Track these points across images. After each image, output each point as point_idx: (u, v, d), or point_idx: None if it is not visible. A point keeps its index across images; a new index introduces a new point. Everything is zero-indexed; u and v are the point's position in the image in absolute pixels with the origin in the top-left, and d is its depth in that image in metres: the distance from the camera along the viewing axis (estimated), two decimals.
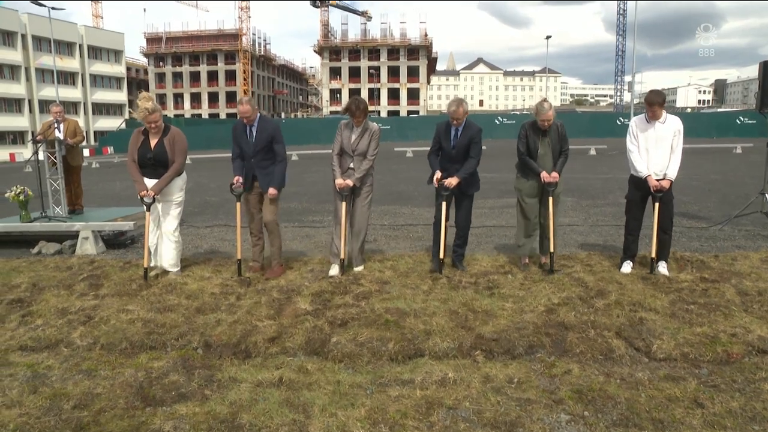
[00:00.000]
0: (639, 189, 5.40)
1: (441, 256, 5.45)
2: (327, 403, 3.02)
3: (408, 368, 3.45)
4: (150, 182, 5.39)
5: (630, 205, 5.54)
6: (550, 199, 5.42)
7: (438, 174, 5.48)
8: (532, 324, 3.97)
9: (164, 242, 5.54)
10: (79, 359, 3.70)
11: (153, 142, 5.35)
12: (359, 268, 5.59)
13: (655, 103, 5.12)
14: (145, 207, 5.40)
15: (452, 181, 5.38)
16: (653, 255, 5.30)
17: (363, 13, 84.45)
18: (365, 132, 5.39)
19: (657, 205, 5.28)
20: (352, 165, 5.45)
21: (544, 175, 5.34)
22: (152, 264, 5.65)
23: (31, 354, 3.81)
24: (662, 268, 5.29)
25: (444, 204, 5.48)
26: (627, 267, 5.46)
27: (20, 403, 3.08)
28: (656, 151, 5.22)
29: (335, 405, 2.99)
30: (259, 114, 5.51)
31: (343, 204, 5.45)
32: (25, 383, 3.33)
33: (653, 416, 2.83)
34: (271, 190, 5.39)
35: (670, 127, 5.20)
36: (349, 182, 5.40)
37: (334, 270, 5.44)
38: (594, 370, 3.39)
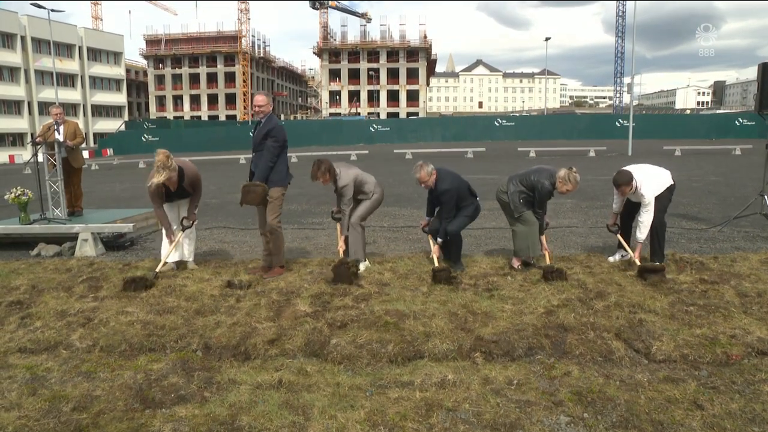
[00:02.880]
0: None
1: (436, 264, 5.53)
2: (326, 405, 3.01)
3: (407, 370, 3.45)
4: (174, 204, 5.87)
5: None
6: (543, 237, 5.66)
7: (424, 221, 5.96)
8: (532, 326, 3.97)
9: (185, 238, 5.97)
10: (79, 361, 3.70)
11: (173, 188, 5.66)
12: (360, 269, 5.59)
13: (621, 184, 5.44)
14: (182, 228, 5.83)
15: (435, 250, 5.64)
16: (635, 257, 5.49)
17: (363, 15, 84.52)
18: (337, 187, 5.65)
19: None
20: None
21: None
22: (171, 260, 5.91)
23: (30, 356, 3.81)
24: None
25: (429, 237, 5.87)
26: (612, 257, 5.89)
27: (19, 405, 3.08)
28: (634, 212, 5.65)
29: (335, 407, 2.99)
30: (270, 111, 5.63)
31: (338, 225, 5.82)
32: (24, 385, 3.33)
33: (653, 418, 2.83)
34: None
35: (639, 197, 5.44)
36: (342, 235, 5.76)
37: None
38: (593, 371, 3.39)
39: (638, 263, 5.32)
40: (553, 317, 4.14)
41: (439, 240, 5.63)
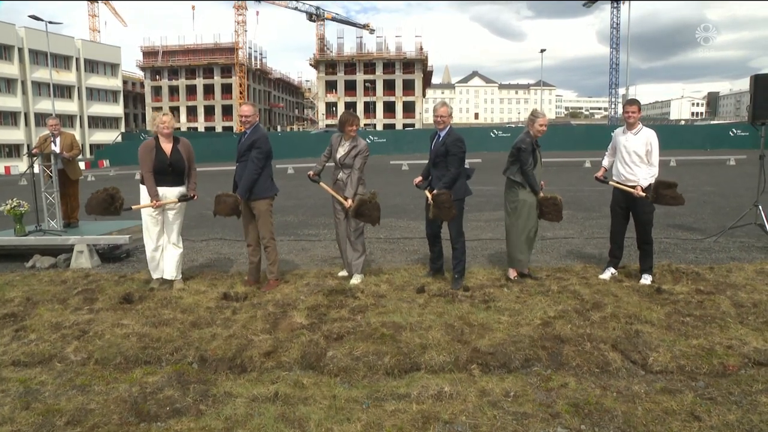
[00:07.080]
0: (618, 197, 5.62)
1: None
2: (323, 417, 3.00)
3: (404, 382, 3.44)
4: (168, 190, 5.55)
5: (612, 212, 5.74)
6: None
7: (417, 179, 5.74)
8: (528, 337, 3.97)
9: (169, 251, 5.67)
10: (73, 374, 3.67)
11: (167, 149, 5.53)
12: (356, 281, 5.58)
13: (633, 103, 5.41)
14: (180, 200, 5.58)
15: (428, 195, 5.36)
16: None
17: (365, 26, 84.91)
18: (358, 145, 5.49)
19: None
20: (340, 176, 5.59)
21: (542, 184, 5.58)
22: (154, 277, 5.73)
23: (24, 369, 3.78)
24: (644, 279, 5.42)
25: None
26: (606, 274, 5.69)
27: (12, 419, 3.06)
28: (626, 161, 5.45)
29: (331, 419, 2.97)
30: (257, 122, 5.60)
31: (321, 184, 5.69)
32: (17, 399, 3.30)
33: (650, 429, 2.82)
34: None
35: (642, 138, 5.36)
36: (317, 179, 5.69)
37: (342, 272, 5.97)
38: (590, 383, 3.39)
39: (642, 193, 5.28)
40: (550, 328, 4.14)
41: (435, 191, 5.33)
